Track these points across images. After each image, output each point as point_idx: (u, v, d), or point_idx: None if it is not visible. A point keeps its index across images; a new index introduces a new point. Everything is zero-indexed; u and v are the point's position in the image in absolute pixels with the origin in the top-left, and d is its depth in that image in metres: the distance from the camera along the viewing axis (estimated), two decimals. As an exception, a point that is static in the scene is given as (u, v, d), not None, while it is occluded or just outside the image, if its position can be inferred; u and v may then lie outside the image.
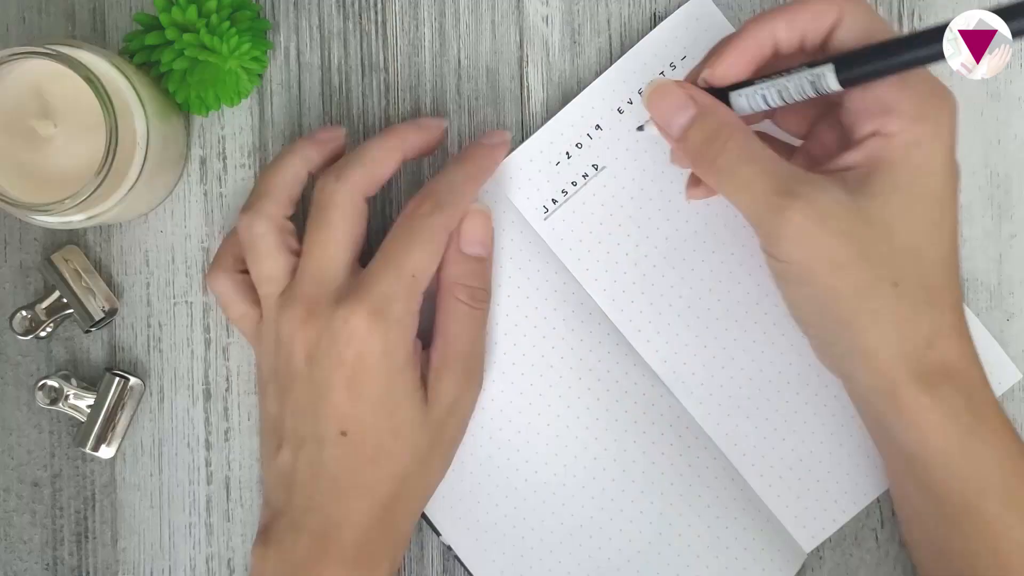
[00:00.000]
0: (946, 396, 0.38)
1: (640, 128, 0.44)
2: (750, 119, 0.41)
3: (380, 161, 0.43)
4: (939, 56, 0.35)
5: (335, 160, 0.45)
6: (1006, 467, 0.39)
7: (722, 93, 0.40)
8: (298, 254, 0.43)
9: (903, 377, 0.38)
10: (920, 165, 0.37)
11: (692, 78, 0.41)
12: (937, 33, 0.35)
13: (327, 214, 0.42)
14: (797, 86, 0.38)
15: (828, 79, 0.37)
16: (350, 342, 0.41)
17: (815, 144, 0.42)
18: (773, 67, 0.39)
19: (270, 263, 0.43)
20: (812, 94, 0.38)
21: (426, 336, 0.44)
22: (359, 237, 0.43)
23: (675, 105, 0.40)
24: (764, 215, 0.38)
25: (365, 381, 0.41)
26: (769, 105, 0.39)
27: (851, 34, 0.38)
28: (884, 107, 0.37)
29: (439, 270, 0.44)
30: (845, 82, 0.37)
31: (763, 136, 0.42)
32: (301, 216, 0.44)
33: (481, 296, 0.45)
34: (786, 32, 0.39)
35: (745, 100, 0.40)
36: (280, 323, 0.42)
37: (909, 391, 0.38)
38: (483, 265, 0.45)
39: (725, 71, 0.40)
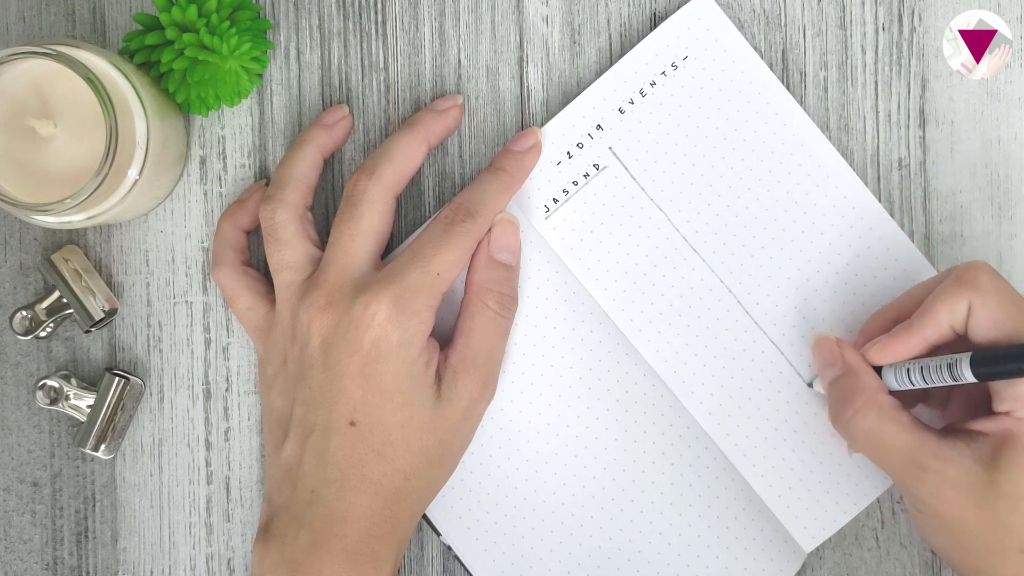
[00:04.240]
0: None
1: (810, 385, 0.47)
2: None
3: (409, 156, 0.45)
4: None
5: (344, 141, 0.47)
6: None
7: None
8: (318, 244, 0.45)
9: None
10: None
11: (860, 340, 0.44)
12: None
13: (358, 208, 0.43)
14: (937, 370, 0.40)
15: (964, 371, 0.39)
16: (369, 328, 0.41)
17: (960, 395, 0.44)
18: (937, 351, 0.42)
19: (291, 251, 0.44)
20: (950, 380, 0.40)
21: (439, 340, 0.44)
22: (385, 234, 0.44)
23: (827, 360, 0.44)
24: (897, 479, 0.41)
25: (379, 370, 0.41)
26: (913, 383, 0.41)
27: (982, 325, 0.40)
28: (1017, 395, 0.39)
29: (469, 275, 0.45)
30: (980, 376, 0.39)
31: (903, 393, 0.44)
32: (318, 209, 0.44)
33: (509, 304, 0.45)
34: (933, 330, 0.41)
35: (893, 376, 0.42)
36: (299, 310, 0.43)
37: None
38: (512, 273, 0.46)
39: (882, 357, 0.42)
